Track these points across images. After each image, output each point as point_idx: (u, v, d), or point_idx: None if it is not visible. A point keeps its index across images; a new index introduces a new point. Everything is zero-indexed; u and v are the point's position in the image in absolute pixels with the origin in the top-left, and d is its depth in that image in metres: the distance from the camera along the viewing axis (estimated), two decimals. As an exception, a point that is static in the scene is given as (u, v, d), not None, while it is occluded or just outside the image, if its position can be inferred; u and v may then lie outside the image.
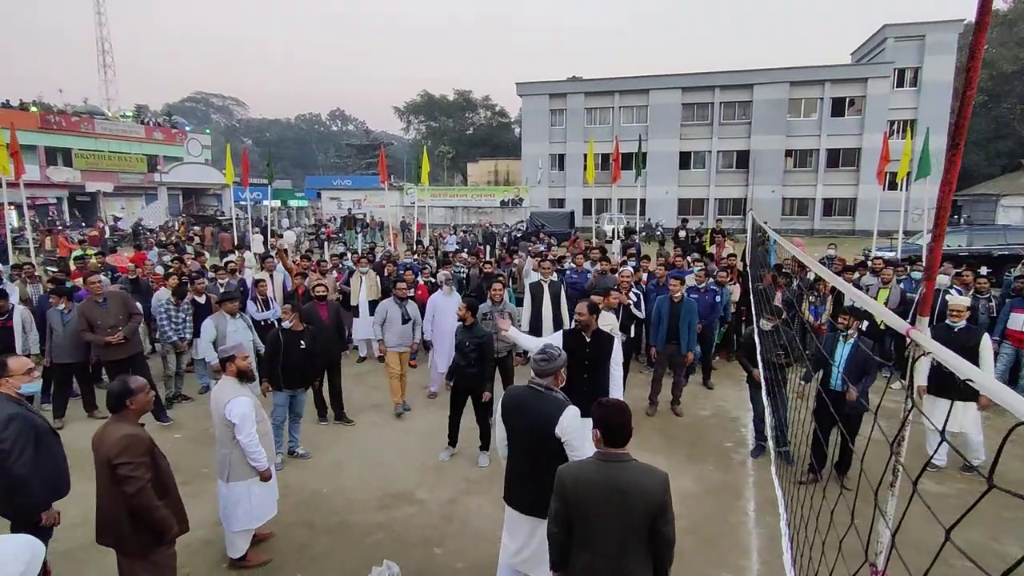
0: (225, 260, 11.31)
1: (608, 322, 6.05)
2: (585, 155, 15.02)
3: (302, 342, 5.78)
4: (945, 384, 5.17)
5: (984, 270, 8.98)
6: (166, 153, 37.71)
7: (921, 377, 7.09)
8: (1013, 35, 37.00)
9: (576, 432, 3.11)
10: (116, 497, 3.10)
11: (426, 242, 15.47)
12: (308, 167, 74.50)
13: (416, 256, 11.99)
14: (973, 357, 5.39)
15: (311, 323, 6.33)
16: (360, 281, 9.08)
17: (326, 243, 21.39)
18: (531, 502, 3.24)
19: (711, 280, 8.61)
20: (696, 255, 11.61)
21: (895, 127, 32.81)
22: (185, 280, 7.97)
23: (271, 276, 8.85)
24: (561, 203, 36.65)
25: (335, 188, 41.78)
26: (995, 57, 37.26)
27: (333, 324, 6.84)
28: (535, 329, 7.38)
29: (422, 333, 7.24)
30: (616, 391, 4.62)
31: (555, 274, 8.36)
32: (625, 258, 11.44)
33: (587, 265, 9.73)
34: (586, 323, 4.69)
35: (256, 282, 8.40)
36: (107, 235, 23.38)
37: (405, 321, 6.93)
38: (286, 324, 5.82)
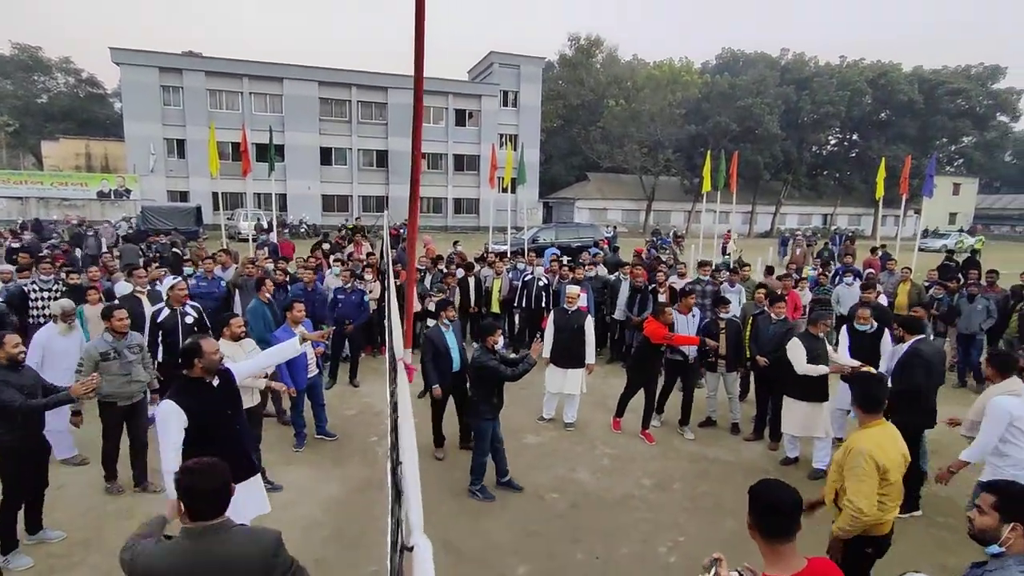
0: None
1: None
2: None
3: None
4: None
5: (565, 259, 11.43)
6: None
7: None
8: (576, 75, 47.70)
9: None
10: None
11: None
12: None
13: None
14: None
15: None
16: None
17: None
18: None
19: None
20: (338, 256, 11.58)
21: (504, 139, 38.97)
22: None
23: None
24: (184, 196, 31.82)
25: None
26: (566, 92, 47.60)
27: None
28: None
29: None
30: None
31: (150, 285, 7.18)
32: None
33: (218, 271, 8.75)
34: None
35: None
36: None
37: None
38: None
